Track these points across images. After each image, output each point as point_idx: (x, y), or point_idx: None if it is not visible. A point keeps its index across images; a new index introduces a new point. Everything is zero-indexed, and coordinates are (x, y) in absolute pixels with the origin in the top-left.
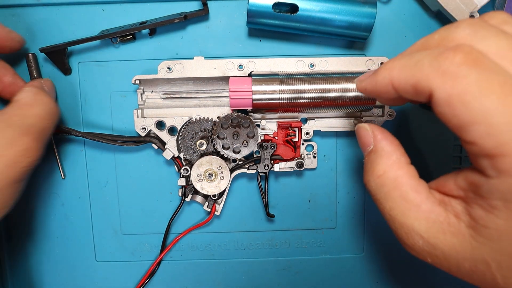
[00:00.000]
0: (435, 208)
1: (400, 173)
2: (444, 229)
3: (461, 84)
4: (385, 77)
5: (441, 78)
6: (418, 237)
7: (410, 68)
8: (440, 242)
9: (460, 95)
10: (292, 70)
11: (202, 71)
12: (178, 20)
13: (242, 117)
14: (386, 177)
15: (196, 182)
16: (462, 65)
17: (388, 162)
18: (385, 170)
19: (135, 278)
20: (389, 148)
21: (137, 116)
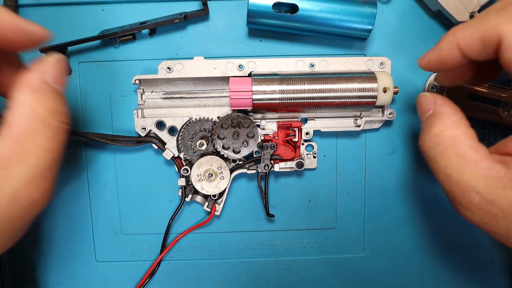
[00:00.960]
0: (494, 165)
1: (459, 132)
2: (505, 185)
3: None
4: (450, 40)
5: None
6: (474, 194)
7: (476, 24)
8: (499, 198)
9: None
10: (292, 70)
11: (202, 71)
12: (178, 20)
13: (242, 117)
14: (444, 136)
15: (196, 182)
16: None
17: (447, 122)
18: (443, 129)
19: (135, 278)
20: (449, 110)
21: (137, 116)
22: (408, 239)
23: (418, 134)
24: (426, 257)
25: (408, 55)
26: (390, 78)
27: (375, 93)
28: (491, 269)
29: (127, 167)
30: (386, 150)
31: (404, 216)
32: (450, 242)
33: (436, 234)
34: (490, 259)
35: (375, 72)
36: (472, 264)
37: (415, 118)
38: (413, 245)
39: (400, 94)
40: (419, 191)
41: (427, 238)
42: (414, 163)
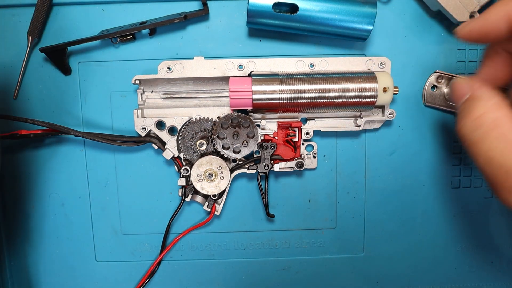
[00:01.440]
0: None
1: (501, 113)
2: None
3: None
4: (500, 11)
5: None
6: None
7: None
8: None
9: None
10: (292, 70)
11: (202, 71)
12: (178, 20)
13: (242, 117)
14: (485, 118)
15: (196, 182)
16: None
17: (487, 104)
18: (484, 111)
19: (135, 278)
20: (489, 92)
21: (137, 116)
22: (408, 239)
23: (418, 134)
24: (426, 257)
25: (408, 55)
26: (390, 78)
27: (375, 93)
28: (491, 269)
29: (127, 167)
30: (386, 150)
31: (404, 216)
32: (450, 242)
33: (436, 234)
34: (490, 259)
35: (375, 72)
36: (472, 264)
37: (415, 118)
38: (413, 245)
39: (400, 94)
40: (419, 191)
41: (427, 238)
42: (414, 163)
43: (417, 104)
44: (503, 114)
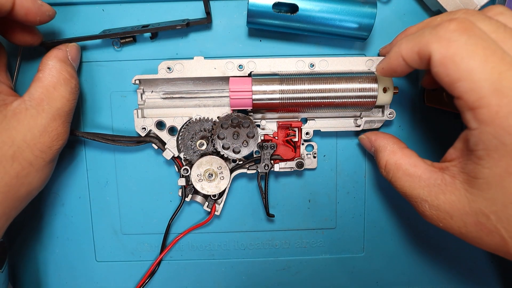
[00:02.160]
0: (433, 174)
1: (396, 157)
2: (443, 190)
3: (452, 47)
4: (396, 51)
5: (437, 42)
6: (424, 202)
7: (415, 38)
8: (441, 202)
9: (452, 56)
10: (292, 70)
11: (202, 71)
12: (180, 26)
13: (242, 117)
14: (389, 165)
15: (196, 182)
16: (455, 31)
17: (385, 153)
18: (386, 160)
19: (135, 278)
20: (382, 143)
21: (137, 116)
22: (408, 239)
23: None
24: (426, 257)
25: None
26: (390, 78)
27: (375, 93)
28: (491, 269)
29: (127, 167)
30: None
31: (404, 216)
32: (450, 242)
33: (436, 234)
34: (490, 259)
35: (375, 72)
36: (472, 264)
37: (415, 118)
38: (413, 245)
39: (400, 94)
40: None
41: (427, 238)
42: None
43: (417, 104)
44: (399, 156)
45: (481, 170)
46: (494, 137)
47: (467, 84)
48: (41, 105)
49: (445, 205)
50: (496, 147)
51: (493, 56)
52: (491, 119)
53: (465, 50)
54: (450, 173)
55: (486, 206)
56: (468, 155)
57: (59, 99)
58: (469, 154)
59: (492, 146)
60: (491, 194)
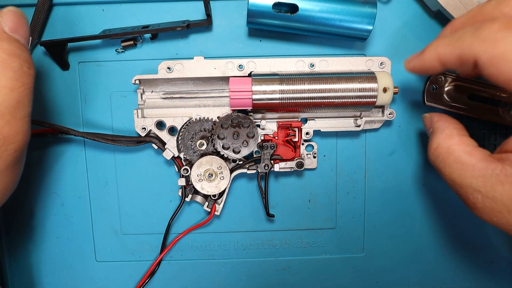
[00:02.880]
0: (490, 164)
1: (452, 142)
2: (502, 180)
3: (501, 45)
4: (432, 54)
5: (483, 44)
6: (476, 193)
7: (454, 42)
8: (499, 194)
9: (502, 54)
10: (292, 70)
11: (202, 71)
12: (181, 28)
13: (242, 117)
14: (440, 147)
15: (196, 182)
16: (500, 31)
17: (440, 135)
18: (439, 142)
19: (135, 278)
20: (442, 125)
21: (137, 116)
22: (408, 239)
23: (418, 134)
24: (426, 257)
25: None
26: (390, 78)
27: (375, 93)
28: (491, 269)
29: (127, 167)
30: (386, 150)
31: (404, 216)
32: (450, 242)
33: (436, 234)
34: (490, 259)
35: (375, 72)
36: (472, 264)
37: (415, 118)
38: (413, 245)
39: (400, 94)
40: (419, 191)
41: (427, 238)
42: (414, 163)
43: (417, 104)
44: (455, 142)
45: None
46: None
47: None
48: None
49: (502, 197)
50: None
51: None
52: None
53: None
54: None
55: None
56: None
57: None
58: None
59: None
60: None
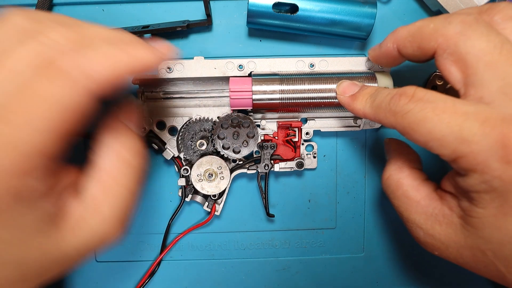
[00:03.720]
0: (432, 203)
1: (402, 175)
2: (440, 221)
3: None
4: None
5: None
6: (419, 229)
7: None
8: (437, 233)
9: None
10: (292, 70)
11: (202, 71)
12: (181, 28)
13: (242, 117)
14: (391, 179)
15: (196, 182)
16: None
17: (392, 167)
18: (390, 174)
19: (135, 278)
20: (397, 155)
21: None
22: (408, 239)
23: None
24: (425, 257)
25: None
26: (390, 78)
27: None
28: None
29: None
30: None
31: None
32: None
33: None
34: None
35: (375, 72)
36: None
37: None
38: (413, 245)
39: None
40: None
41: None
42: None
43: None
44: (405, 176)
45: (475, 210)
46: (482, 182)
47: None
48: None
49: (440, 236)
50: (486, 191)
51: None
52: (473, 167)
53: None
54: (448, 205)
55: (482, 243)
56: (462, 193)
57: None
58: (463, 192)
59: (482, 190)
60: (487, 233)
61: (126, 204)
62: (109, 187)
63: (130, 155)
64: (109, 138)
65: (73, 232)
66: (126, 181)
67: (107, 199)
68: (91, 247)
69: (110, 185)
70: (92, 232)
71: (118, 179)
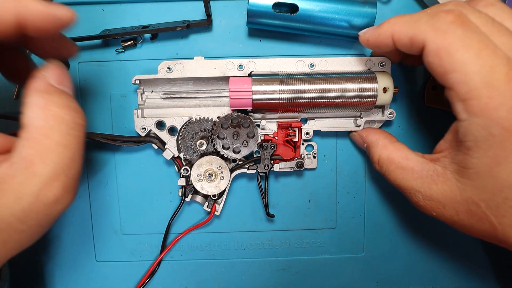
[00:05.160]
0: (425, 166)
1: (388, 151)
2: (435, 180)
3: (449, 38)
4: (387, 30)
5: (434, 32)
6: (417, 193)
7: (410, 24)
8: (434, 192)
9: (447, 47)
10: (292, 70)
11: (202, 71)
12: (181, 28)
13: (242, 117)
14: (382, 159)
15: (196, 182)
16: (452, 23)
17: (377, 149)
18: (379, 155)
19: (135, 278)
20: (374, 138)
21: (137, 116)
22: (408, 239)
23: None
24: (426, 257)
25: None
26: (390, 78)
27: (375, 93)
28: (491, 269)
29: (127, 167)
30: None
31: (404, 216)
32: (450, 242)
33: (436, 234)
34: (491, 259)
35: (375, 72)
36: (472, 264)
37: (415, 118)
38: (413, 245)
39: (400, 94)
40: None
41: (427, 238)
42: None
43: (417, 104)
44: (391, 150)
45: (470, 160)
46: (483, 128)
47: (459, 76)
48: (31, 167)
49: (437, 195)
50: (485, 138)
51: (486, 50)
52: (481, 111)
53: (460, 42)
54: (441, 164)
55: (476, 194)
56: (457, 146)
57: (54, 150)
58: (459, 145)
59: (480, 137)
60: (480, 183)
61: (64, 161)
62: (41, 145)
63: (61, 110)
64: (37, 97)
65: (5, 196)
66: (60, 137)
67: (41, 158)
68: (34, 212)
69: (42, 143)
70: (29, 194)
71: (51, 135)
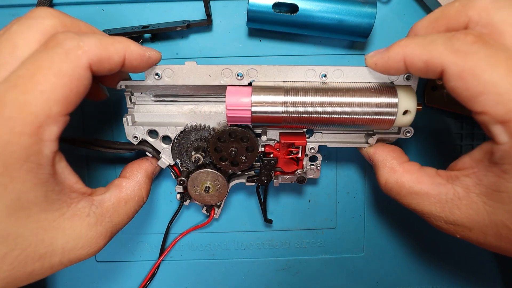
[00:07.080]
0: (442, 189)
1: (397, 175)
2: (457, 204)
3: (472, 59)
4: (398, 53)
5: (454, 54)
6: (439, 219)
7: (424, 46)
8: (457, 217)
9: (471, 69)
10: (300, 80)
11: (195, 79)
12: (181, 28)
13: (240, 132)
14: (389, 183)
15: (193, 193)
16: (473, 43)
17: (384, 171)
18: (386, 178)
19: (135, 278)
20: (381, 158)
21: (127, 124)
22: (408, 239)
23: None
24: (426, 257)
25: None
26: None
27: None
28: (491, 269)
29: None
30: None
31: (404, 216)
32: (450, 242)
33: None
34: (490, 259)
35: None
36: (472, 264)
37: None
38: (412, 245)
39: None
40: None
41: (427, 238)
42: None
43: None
44: (400, 174)
45: (504, 184)
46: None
47: (492, 97)
48: (104, 217)
49: (462, 219)
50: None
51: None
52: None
53: (485, 62)
54: (462, 185)
55: (508, 218)
56: (488, 167)
57: (122, 216)
58: (491, 166)
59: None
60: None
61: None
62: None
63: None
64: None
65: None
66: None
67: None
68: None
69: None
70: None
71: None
